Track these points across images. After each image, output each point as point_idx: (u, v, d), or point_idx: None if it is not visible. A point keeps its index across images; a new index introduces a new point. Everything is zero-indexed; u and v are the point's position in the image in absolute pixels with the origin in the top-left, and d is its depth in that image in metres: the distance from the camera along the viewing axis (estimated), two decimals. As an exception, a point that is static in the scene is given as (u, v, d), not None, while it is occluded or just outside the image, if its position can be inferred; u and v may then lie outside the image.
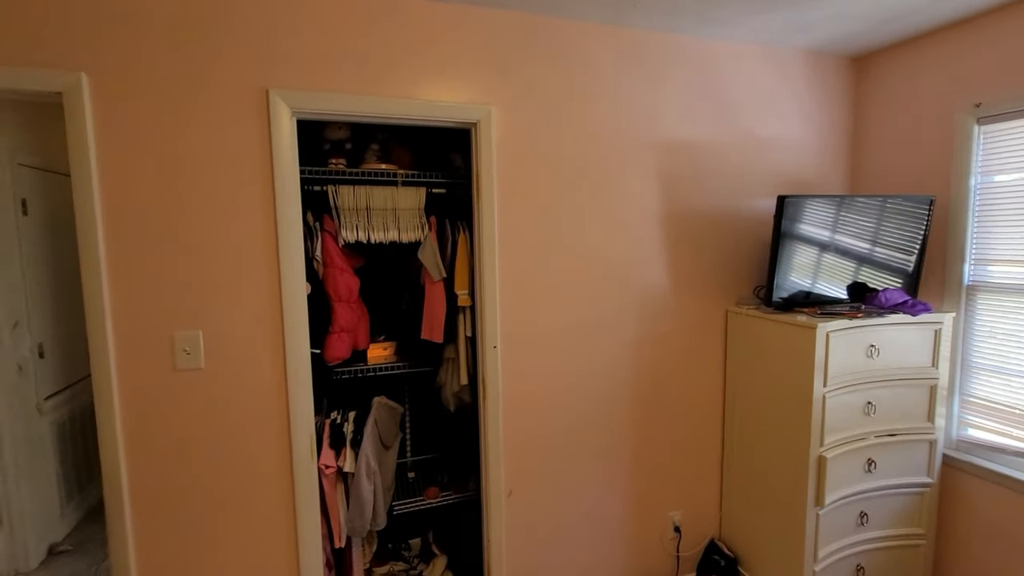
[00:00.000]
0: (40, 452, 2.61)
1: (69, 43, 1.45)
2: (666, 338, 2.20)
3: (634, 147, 2.07)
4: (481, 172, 1.87)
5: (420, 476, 2.50)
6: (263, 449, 1.71)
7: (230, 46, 1.58)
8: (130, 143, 1.52)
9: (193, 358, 1.60)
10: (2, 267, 2.40)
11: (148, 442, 1.61)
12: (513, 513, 2.04)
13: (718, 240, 2.24)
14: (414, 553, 2.49)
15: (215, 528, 1.69)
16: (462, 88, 1.82)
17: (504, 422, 1.99)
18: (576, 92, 1.96)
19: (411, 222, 2.11)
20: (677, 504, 2.31)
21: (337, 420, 2.03)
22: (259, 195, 1.64)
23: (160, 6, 1.51)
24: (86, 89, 1.46)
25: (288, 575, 1.78)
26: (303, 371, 1.72)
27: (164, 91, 1.53)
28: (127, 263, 1.54)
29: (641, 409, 2.19)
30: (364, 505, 1.98)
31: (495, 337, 1.93)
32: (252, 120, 1.62)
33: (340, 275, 1.98)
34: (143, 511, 1.62)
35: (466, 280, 2.08)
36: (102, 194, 1.51)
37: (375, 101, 1.72)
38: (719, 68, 2.15)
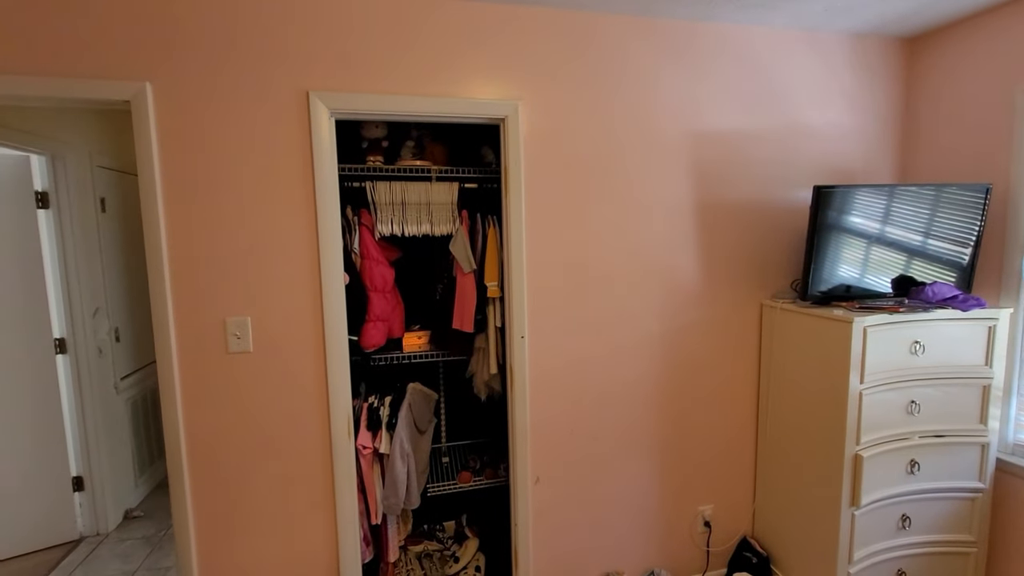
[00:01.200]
0: (117, 428, 2.89)
1: (135, 56, 1.60)
2: (697, 330, 2.18)
3: (667, 137, 2.06)
4: (509, 166, 1.92)
5: (454, 461, 2.60)
6: (305, 428, 1.84)
7: (273, 53, 1.70)
8: (187, 144, 1.67)
9: (243, 342, 1.75)
10: (85, 259, 2.67)
11: (204, 419, 1.77)
12: (540, 499, 2.09)
13: (754, 231, 2.19)
14: (448, 534, 2.60)
15: (263, 499, 1.83)
16: (491, 84, 1.88)
17: (532, 410, 2.04)
18: (606, 84, 1.97)
19: (444, 216, 2.19)
20: (707, 498, 2.29)
21: (374, 404, 2.15)
22: (301, 191, 1.76)
23: (211, 20, 1.65)
24: (150, 97, 1.61)
25: (328, 546, 1.91)
26: (341, 356, 1.84)
27: (216, 96, 1.67)
28: (185, 254, 1.70)
29: (670, 401, 2.19)
30: (398, 485, 2.09)
31: (523, 327, 1.99)
32: (294, 121, 1.73)
33: (376, 266, 2.08)
34: (200, 482, 1.78)
35: (496, 272, 2.14)
36: (164, 191, 1.67)
37: (407, 100, 1.80)
38: (757, 55, 2.10)
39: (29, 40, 1.53)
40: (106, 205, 2.86)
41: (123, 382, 2.96)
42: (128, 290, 3.05)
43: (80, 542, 2.70)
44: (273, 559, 1.86)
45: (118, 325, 2.94)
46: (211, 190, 1.70)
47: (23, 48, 1.53)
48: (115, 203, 2.95)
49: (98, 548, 2.65)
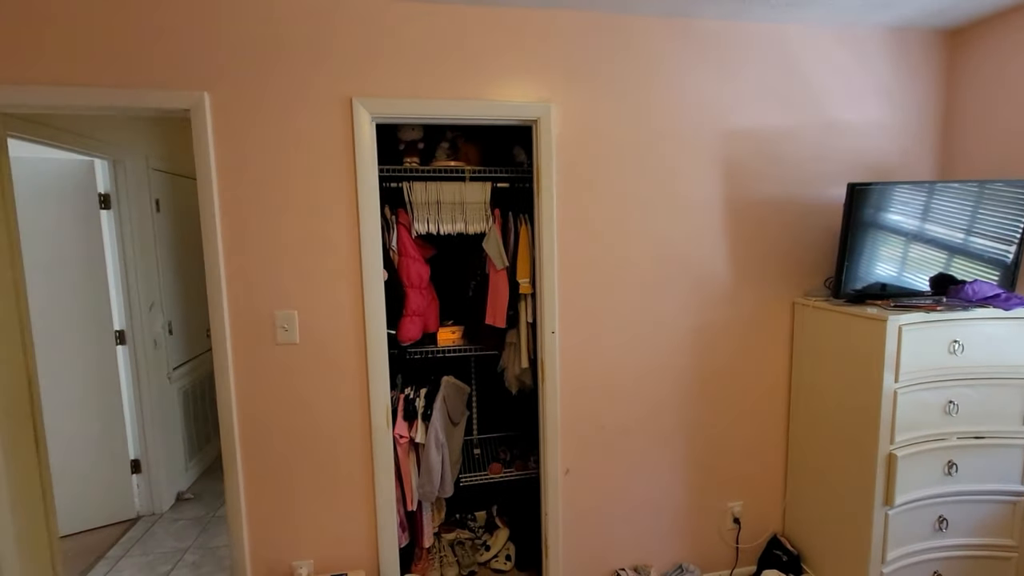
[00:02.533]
0: (169, 415, 3.08)
1: (194, 68, 1.73)
2: (728, 327, 2.19)
3: (699, 136, 2.08)
4: (541, 166, 1.97)
5: (485, 453, 2.68)
6: (347, 416, 1.95)
7: (318, 63, 1.80)
8: (239, 149, 1.79)
9: (290, 334, 1.86)
10: (142, 256, 2.86)
11: (254, 405, 1.89)
12: (570, 490, 2.14)
13: (786, 229, 2.19)
14: (479, 524, 2.68)
15: (308, 482, 1.95)
16: (524, 87, 1.93)
17: (562, 404, 2.09)
18: (637, 85, 2.01)
19: (477, 215, 2.26)
20: (737, 495, 2.30)
21: (410, 395, 2.24)
22: (344, 192, 1.86)
23: (262, 33, 1.75)
24: (208, 105, 1.73)
25: (368, 529, 2.01)
26: (381, 349, 1.93)
27: (265, 103, 1.78)
28: (238, 251, 1.82)
29: (700, 397, 2.21)
30: (433, 473, 2.17)
31: (554, 323, 2.04)
32: (338, 126, 1.83)
33: (413, 264, 2.17)
34: (251, 464, 1.90)
35: (527, 269, 2.21)
36: (220, 193, 1.79)
37: (444, 104, 1.88)
38: (790, 52, 2.10)
39: (101, 55, 1.67)
40: (160, 206, 3.05)
41: (175, 372, 3.15)
42: (179, 286, 3.24)
43: (137, 520, 2.89)
44: (316, 540, 1.97)
45: (171, 319, 3.13)
46: (261, 191, 1.81)
47: (96, 63, 1.67)
48: (168, 204, 3.14)
49: (153, 526, 2.84)
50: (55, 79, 1.65)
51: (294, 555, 1.96)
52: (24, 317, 2.03)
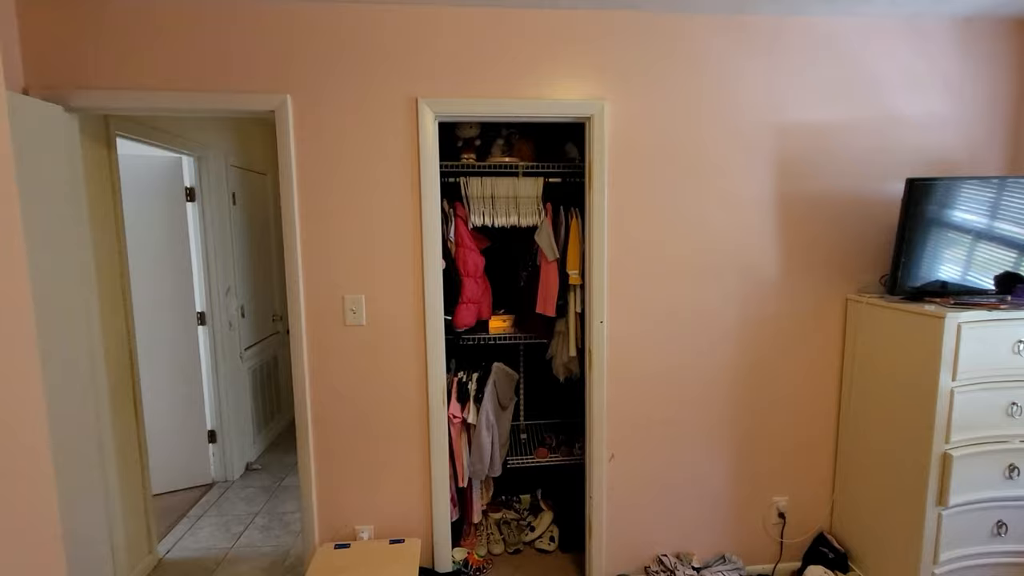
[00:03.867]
0: (241, 391, 3.35)
1: (279, 73, 1.90)
2: (778, 322, 2.20)
3: (751, 131, 2.09)
4: (593, 162, 2.05)
5: (531, 438, 2.78)
6: (406, 395, 2.09)
7: (388, 65, 1.94)
8: (316, 146, 1.95)
9: (358, 316, 2.02)
10: (220, 245, 3.12)
11: (324, 383, 2.06)
12: (614, 476, 2.22)
13: (839, 224, 2.17)
14: (523, 506, 2.79)
15: (370, 454, 2.11)
16: (579, 86, 2.01)
17: (608, 392, 2.17)
18: (689, 82, 2.05)
19: (529, 208, 2.36)
20: (783, 489, 2.31)
21: (463, 379, 2.37)
22: (408, 186, 2.00)
23: (338, 38, 1.91)
24: (290, 107, 1.91)
25: (423, 501, 2.16)
26: (438, 333, 2.06)
27: (340, 104, 1.94)
28: (313, 239, 1.99)
29: (747, 390, 2.23)
30: (483, 452, 2.30)
31: (602, 313, 2.12)
32: (404, 124, 1.97)
33: (469, 254, 2.30)
34: (320, 436, 2.08)
35: (577, 261, 2.29)
36: (299, 187, 1.96)
37: (502, 103, 1.98)
38: (848, 46, 2.08)
39: (198, 63, 1.87)
40: (236, 199, 3.31)
41: (246, 352, 3.42)
42: (250, 273, 3.51)
43: (212, 486, 3.17)
44: (376, 507, 2.14)
45: (243, 303, 3.40)
46: (332, 185, 1.97)
47: (193, 70, 1.87)
48: (242, 197, 3.40)
49: (227, 492, 3.11)
50: (158, 85, 1.86)
51: (356, 520, 2.13)
52: (128, 300, 2.29)
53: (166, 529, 2.72)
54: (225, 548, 2.58)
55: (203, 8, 1.85)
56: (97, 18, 1.82)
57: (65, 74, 1.83)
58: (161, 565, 2.46)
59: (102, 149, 2.17)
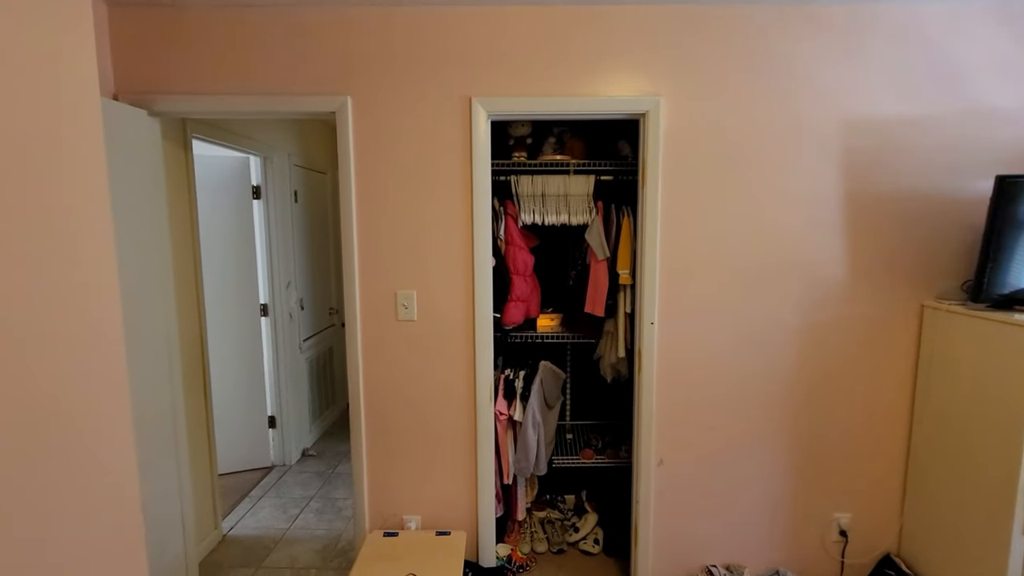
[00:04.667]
0: (299, 381, 3.52)
1: (339, 76, 1.98)
2: (841, 327, 2.08)
3: (814, 126, 1.99)
4: (647, 159, 2.00)
5: (577, 438, 2.76)
6: (454, 390, 2.13)
7: (443, 66, 1.97)
8: (373, 145, 2.02)
9: (409, 312, 2.07)
10: (282, 241, 3.28)
11: (376, 376, 2.13)
12: (663, 481, 2.17)
13: (914, 225, 2.02)
14: (568, 506, 2.78)
15: (419, 447, 2.16)
16: (633, 82, 1.98)
17: (658, 394, 2.12)
18: (747, 75, 1.96)
19: (580, 207, 2.34)
20: (845, 506, 2.18)
21: (510, 376, 2.38)
22: (460, 185, 2.03)
23: (395, 41, 1.96)
24: (350, 108, 1.98)
25: (469, 495, 2.19)
26: (487, 330, 2.09)
27: (396, 104, 1.99)
28: (369, 236, 2.06)
29: (806, 398, 2.12)
30: (529, 450, 2.30)
31: (653, 314, 2.07)
32: (457, 124, 2.00)
33: (518, 252, 2.31)
34: (372, 427, 2.15)
35: (628, 260, 2.25)
36: (356, 185, 2.03)
37: (554, 101, 1.97)
38: (928, 34, 1.93)
39: (265, 68, 1.97)
40: (297, 196, 3.48)
41: (304, 343, 3.58)
42: (309, 267, 3.67)
43: (271, 469, 3.35)
44: (424, 498, 2.18)
45: (302, 296, 3.56)
46: (388, 183, 2.03)
47: (259, 74, 1.97)
48: (303, 195, 3.56)
49: (284, 475, 3.27)
50: (231, 89, 1.98)
51: (405, 510, 2.19)
52: (200, 291, 2.45)
53: (229, 507, 2.90)
54: (282, 529, 2.71)
55: (272, 17, 1.94)
56: (177, 28, 1.95)
57: (149, 81, 1.98)
58: (225, 541, 2.62)
59: (180, 150, 2.33)
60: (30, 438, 0.90)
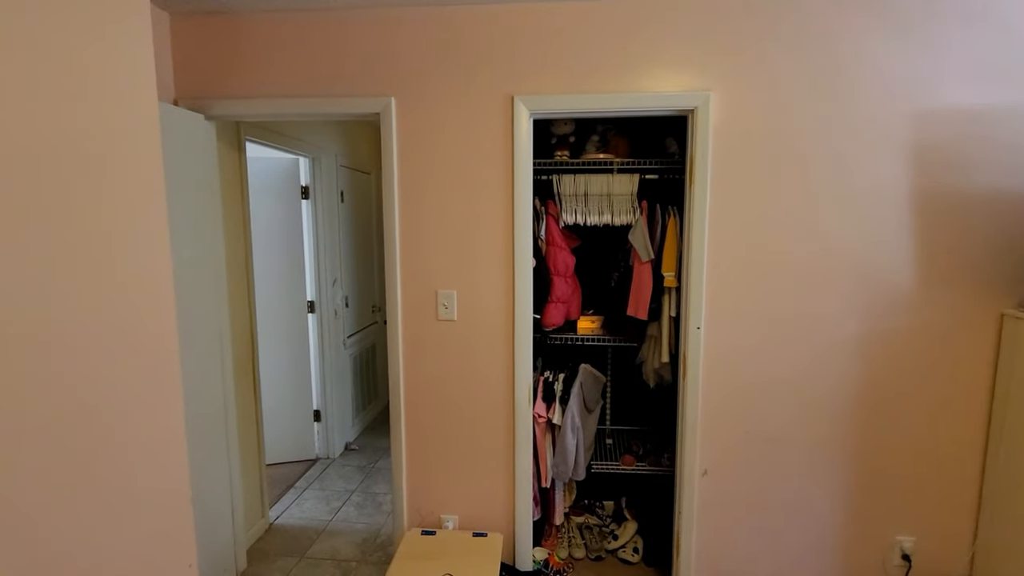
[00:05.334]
0: (343, 376, 3.60)
1: (384, 77, 2.00)
2: (907, 336, 1.93)
3: (879, 120, 1.85)
4: (696, 157, 1.93)
5: (617, 444, 2.70)
6: (492, 391, 2.12)
7: (486, 65, 1.96)
8: (415, 145, 2.03)
9: (449, 311, 2.08)
10: (329, 239, 3.37)
11: (416, 374, 2.14)
12: (707, 493, 2.08)
13: (995, 225, 1.85)
14: (606, 512, 2.72)
15: (457, 446, 2.16)
16: (681, 76, 1.90)
17: (703, 402, 2.04)
18: (807, 66, 1.85)
19: (624, 206, 2.28)
20: (908, 528, 2.03)
21: (549, 379, 2.35)
22: (501, 184, 2.01)
23: (438, 41, 1.96)
24: (393, 108, 2.00)
25: (506, 497, 2.17)
26: (527, 331, 2.06)
27: (439, 104, 1.99)
28: (411, 235, 2.07)
29: (866, 410, 1.98)
30: (568, 454, 2.26)
31: (699, 318, 1.99)
32: (499, 122, 1.98)
33: (559, 253, 2.27)
34: (412, 425, 2.17)
35: (673, 262, 2.17)
36: (399, 185, 2.05)
37: (599, 98, 1.93)
38: (1017, 16, 1.76)
39: (312, 72, 2.01)
40: (343, 196, 3.56)
41: (348, 340, 3.67)
42: (354, 266, 3.76)
43: (315, 461, 3.45)
44: (461, 498, 2.19)
45: (347, 294, 3.65)
46: (430, 183, 2.04)
47: (308, 77, 2.02)
48: (349, 195, 3.65)
49: (328, 468, 3.36)
50: (282, 92, 2.04)
51: (442, 509, 2.20)
52: (251, 288, 2.55)
53: (276, 497, 3.00)
54: (325, 520, 2.79)
55: (319, 20, 1.99)
56: (232, 35, 2.03)
57: (206, 86, 2.06)
58: (272, 529, 2.71)
59: (234, 152, 2.42)
60: (89, 431, 0.94)
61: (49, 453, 0.88)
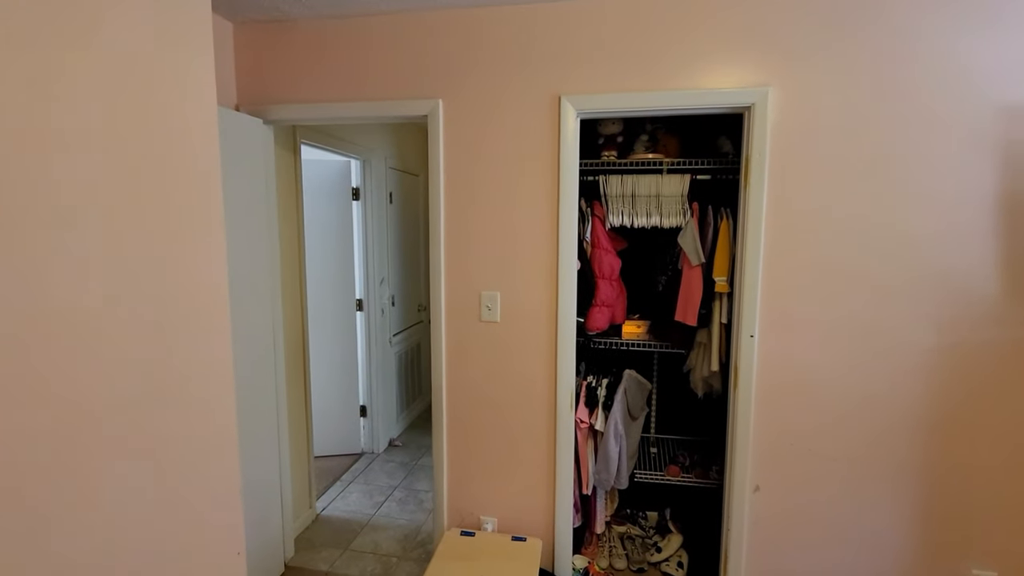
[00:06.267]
0: (388, 373, 3.68)
1: (432, 80, 2.02)
2: (988, 348, 1.76)
3: (961, 115, 1.70)
4: (752, 156, 1.83)
5: (662, 453, 2.61)
6: (534, 394, 2.09)
7: (533, 64, 1.94)
8: (461, 146, 2.04)
9: (492, 313, 2.07)
10: (377, 240, 3.45)
11: (459, 374, 2.15)
12: (760, 510, 1.98)
13: (1099, 233, 1.66)
14: (649, 523, 2.64)
15: (498, 448, 2.15)
16: (738, 71, 1.81)
17: (756, 415, 1.93)
18: (876, 58, 1.72)
19: (673, 208, 2.20)
20: (988, 561, 1.85)
21: (592, 384, 2.30)
22: (547, 185, 1.99)
23: (485, 41, 1.96)
24: (440, 110, 2.02)
25: (546, 502, 2.14)
26: (570, 335, 2.03)
27: (485, 105, 1.99)
28: (456, 236, 2.08)
29: (941, 430, 1.82)
30: (610, 462, 2.21)
31: (753, 326, 1.89)
32: (545, 123, 1.96)
33: (605, 255, 2.22)
34: (454, 425, 2.18)
35: (726, 266, 2.08)
36: (445, 186, 2.06)
37: (649, 96, 1.87)
38: None
39: (362, 75, 2.06)
40: (392, 198, 3.64)
41: (394, 338, 3.74)
42: (401, 265, 3.83)
43: (361, 456, 3.53)
44: (501, 501, 2.18)
45: (394, 293, 3.72)
46: (475, 183, 2.04)
47: (354, 81, 2.07)
48: (397, 196, 3.73)
49: (372, 463, 3.44)
50: (335, 97, 2.09)
51: (482, 510, 2.19)
52: (303, 285, 2.64)
53: (323, 489, 3.09)
54: (368, 514, 2.85)
55: (368, 25, 2.03)
56: (288, 41, 2.10)
57: (265, 91, 2.15)
58: (318, 520, 2.80)
59: (290, 155, 2.52)
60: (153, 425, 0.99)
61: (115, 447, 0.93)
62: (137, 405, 0.97)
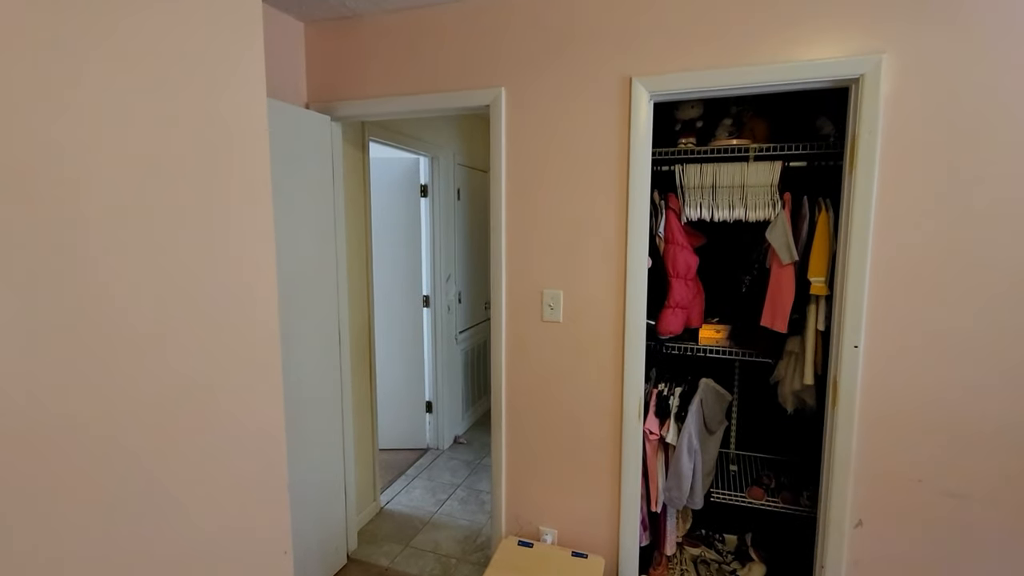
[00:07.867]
0: (454, 370, 3.67)
1: (494, 69, 1.93)
2: None
3: None
4: (860, 136, 1.57)
5: (743, 472, 2.36)
6: (598, 401, 1.95)
7: (600, 44, 1.79)
8: (523, 137, 1.93)
9: (555, 313, 1.95)
10: (444, 237, 3.44)
11: (519, 376, 2.05)
12: (860, 550, 1.70)
13: None
14: (727, 548, 2.39)
15: (558, 456, 2.03)
16: (841, 38, 1.56)
17: (858, 438, 1.66)
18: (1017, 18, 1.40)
19: (760, 199, 1.96)
20: None
21: (663, 392, 2.11)
22: (616, 176, 1.83)
23: (549, 23, 1.84)
24: (503, 99, 1.92)
25: (610, 518, 1.99)
26: (638, 338, 1.86)
27: (550, 91, 1.87)
28: (517, 230, 1.98)
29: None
30: (682, 479, 2.01)
31: (857, 335, 1.62)
32: (615, 108, 1.81)
33: (680, 252, 2.02)
34: (513, 429, 2.09)
35: (824, 265, 1.81)
36: (506, 178, 1.97)
37: (733, 73, 1.66)
38: None
39: (421, 67, 2.01)
40: (460, 194, 3.62)
41: (460, 335, 3.72)
42: (467, 263, 3.80)
43: (426, 451, 3.55)
44: (561, 513, 2.05)
45: (460, 290, 3.70)
46: (538, 176, 1.93)
47: (416, 73, 2.02)
48: (465, 193, 3.70)
49: (437, 459, 3.44)
50: (400, 91, 2.07)
51: (541, 520, 2.08)
52: (370, 281, 2.67)
53: (387, 482, 3.13)
54: (431, 511, 2.84)
55: (430, 16, 1.98)
56: (353, 37, 2.11)
57: (332, 88, 2.17)
58: (382, 513, 2.83)
59: (358, 152, 2.54)
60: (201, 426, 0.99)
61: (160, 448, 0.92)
62: (188, 395, 0.96)
